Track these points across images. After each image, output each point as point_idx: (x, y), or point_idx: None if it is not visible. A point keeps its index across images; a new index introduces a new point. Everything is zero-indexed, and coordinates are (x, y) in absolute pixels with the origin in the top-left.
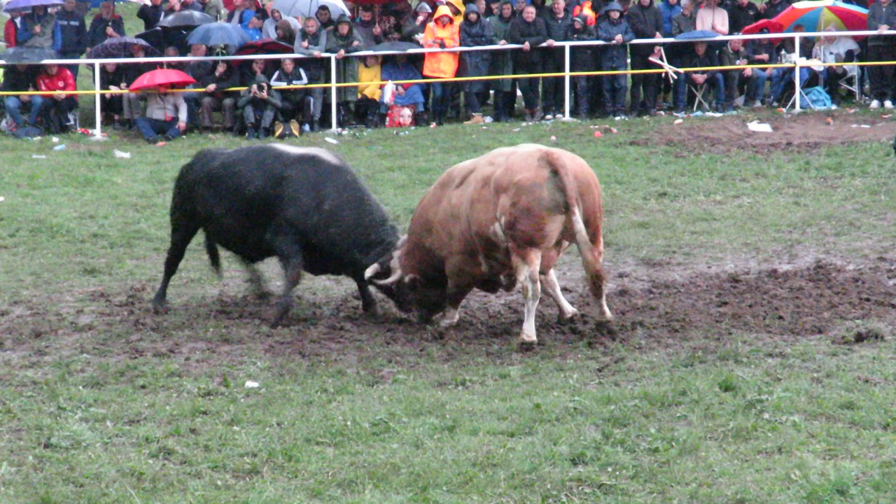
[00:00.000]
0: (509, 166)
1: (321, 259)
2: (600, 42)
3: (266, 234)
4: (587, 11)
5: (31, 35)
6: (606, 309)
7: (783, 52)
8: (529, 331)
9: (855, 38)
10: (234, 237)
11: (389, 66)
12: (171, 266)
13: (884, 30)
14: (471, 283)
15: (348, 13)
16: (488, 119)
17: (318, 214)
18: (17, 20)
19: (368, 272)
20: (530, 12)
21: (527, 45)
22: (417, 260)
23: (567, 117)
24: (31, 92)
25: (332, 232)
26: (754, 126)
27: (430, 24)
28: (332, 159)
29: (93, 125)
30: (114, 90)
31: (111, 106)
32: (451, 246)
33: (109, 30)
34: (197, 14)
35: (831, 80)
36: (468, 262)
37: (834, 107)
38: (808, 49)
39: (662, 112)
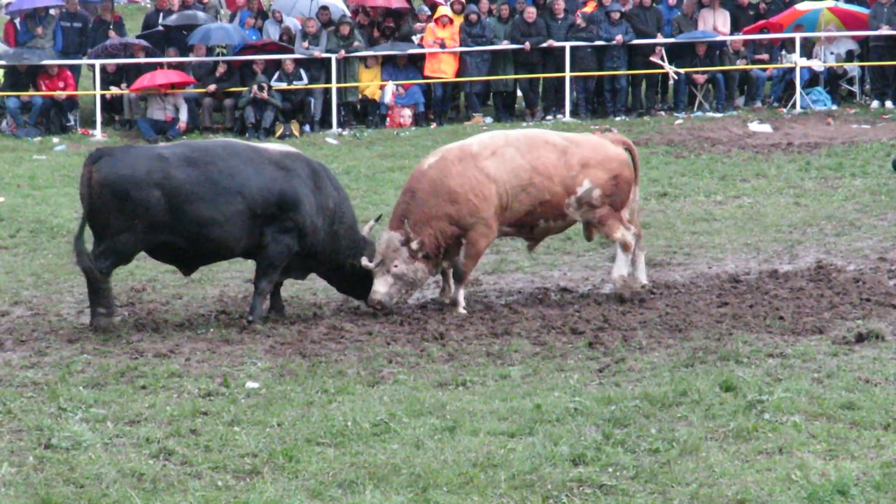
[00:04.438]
0: (595, 147)
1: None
2: (601, 42)
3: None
4: (587, 9)
5: (33, 36)
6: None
7: (784, 52)
8: (624, 275)
9: (855, 38)
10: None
11: (390, 66)
12: None
13: (885, 30)
14: (482, 253)
15: (349, 14)
16: (489, 119)
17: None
18: (17, 21)
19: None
20: (531, 13)
21: (527, 46)
22: (428, 231)
23: (567, 117)
24: (31, 92)
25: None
26: (755, 126)
27: (431, 25)
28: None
29: (93, 126)
30: (114, 91)
31: (112, 106)
32: (482, 210)
33: (111, 32)
34: (200, 14)
35: (832, 81)
36: (493, 225)
37: (834, 107)
38: (808, 49)
39: (663, 112)
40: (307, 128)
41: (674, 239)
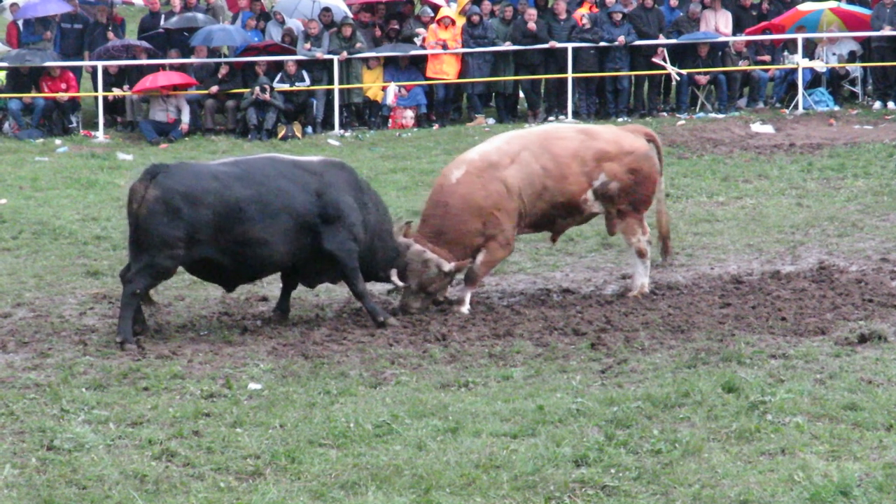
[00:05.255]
0: (612, 140)
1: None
2: (603, 43)
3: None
4: (583, 10)
5: (38, 39)
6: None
7: (786, 53)
8: (644, 284)
9: (857, 38)
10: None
11: (392, 67)
12: None
13: (887, 30)
14: (497, 263)
15: (351, 15)
16: (491, 121)
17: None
18: (20, 22)
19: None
20: (532, 14)
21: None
22: (450, 247)
23: (570, 118)
24: (33, 94)
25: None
26: (757, 127)
27: (433, 26)
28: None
29: (95, 127)
30: (116, 92)
31: (114, 108)
32: (504, 224)
33: (110, 34)
34: (200, 16)
35: (834, 81)
36: (512, 236)
37: (837, 108)
38: (810, 50)
39: (665, 113)
40: (309, 129)
41: (676, 240)
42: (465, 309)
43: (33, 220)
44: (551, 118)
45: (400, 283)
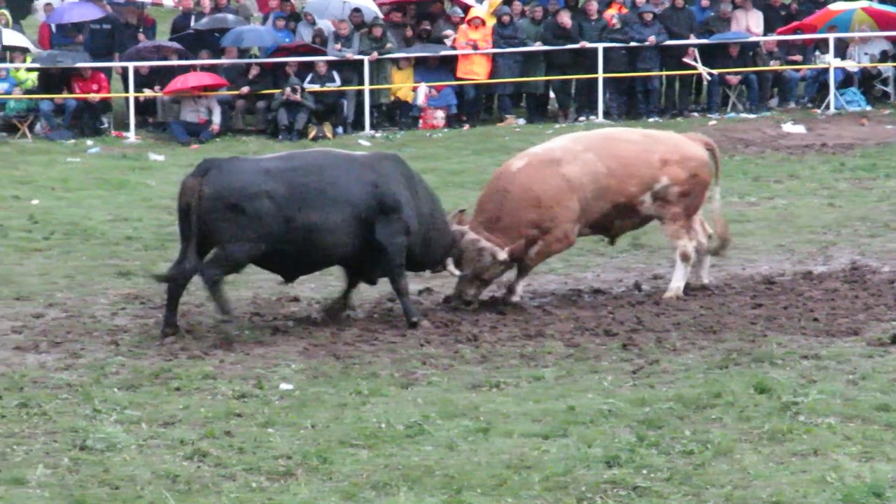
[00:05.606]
0: (675, 144)
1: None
2: (634, 44)
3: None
4: (612, 11)
5: (71, 42)
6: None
7: (817, 52)
8: (679, 288)
9: (889, 38)
10: None
11: (422, 68)
12: None
13: None
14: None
15: (381, 16)
16: (521, 121)
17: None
18: (53, 25)
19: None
20: (565, 16)
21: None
22: (505, 236)
23: (600, 119)
24: (64, 95)
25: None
26: (788, 127)
27: (463, 27)
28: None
29: (126, 128)
30: (147, 93)
31: (144, 109)
32: (562, 218)
33: (140, 35)
34: (231, 17)
35: (865, 81)
36: (571, 231)
37: (868, 108)
38: (842, 50)
39: (696, 113)
40: (340, 130)
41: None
42: (517, 298)
43: (64, 221)
44: (581, 118)
45: (456, 273)
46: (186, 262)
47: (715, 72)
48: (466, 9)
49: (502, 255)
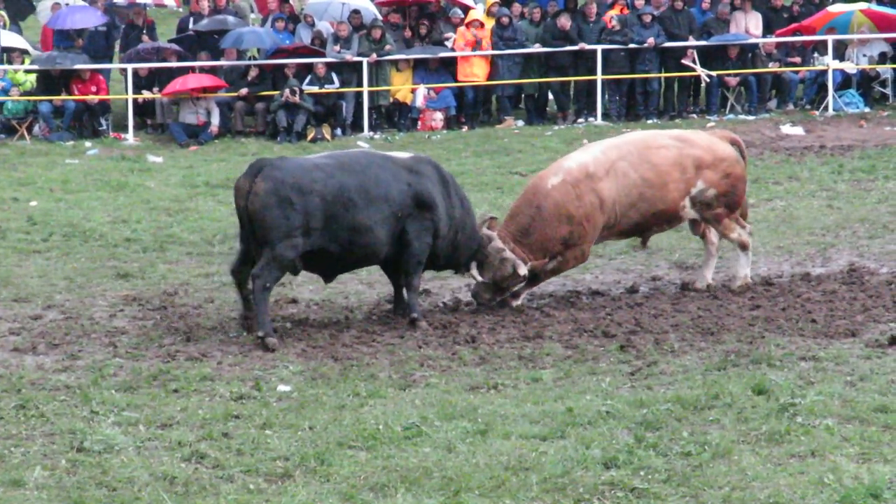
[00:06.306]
0: (707, 147)
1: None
2: (633, 45)
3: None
4: (614, 11)
5: (71, 45)
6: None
7: (816, 54)
8: (747, 275)
9: (888, 40)
10: None
11: (421, 69)
12: None
13: None
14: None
15: (381, 18)
16: (520, 122)
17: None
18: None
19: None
20: (564, 18)
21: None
22: (531, 250)
23: (599, 120)
24: (64, 97)
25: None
26: (787, 129)
27: (462, 28)
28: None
29: (125, 130)
30: (146, 95)
31: (144, 110)
32: (587, 237)
33: (144, 37)
34: (231, 18)
35: (864, 83)
36: (588, 249)
37: (867, 109)
38: (841, 52)
39: (695, 115)
40: (339, 131)
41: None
42: (519, 302)
43: (63, 223)
44: (581, 120)
45: (479, 278)
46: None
47: (714, 73)
48: (466, 10)
49: (523, 269)
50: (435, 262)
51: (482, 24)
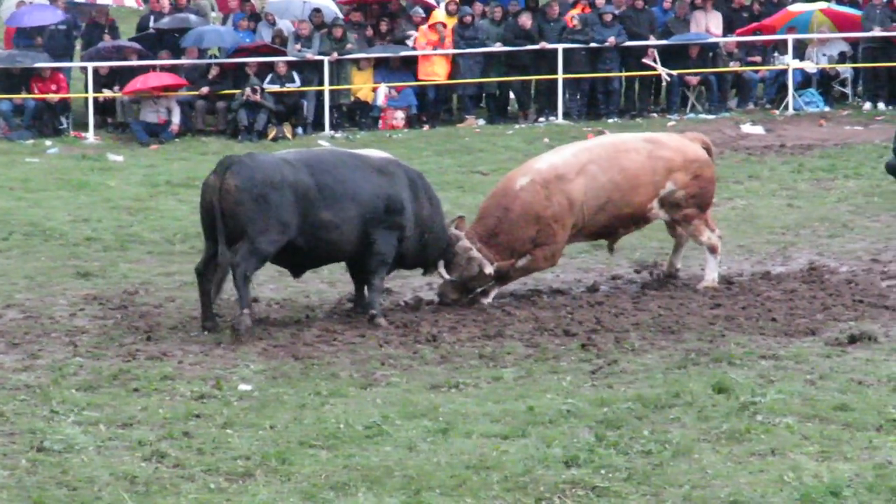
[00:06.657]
0: (678, 148)
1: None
2: (594, 45)
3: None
4: (575, 10)
5: (32, 44)
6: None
7: (776, 54)
8: (714, 279)
9: (847, 39)
10: None
11: (383, 68)
12: None
13: (877, 31)
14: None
15: (342, 16)
16: (481, 121)
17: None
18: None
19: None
20: (525, 17)
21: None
22: (499, 250)
23: (560, 119)
24: (24, 95)
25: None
26: (747, 128)
27: (424, 28)
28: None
29: (86, 128)
30: (107, 93)
31: (104, 109)
32: (558, 238)
33: (106, 35)
34: (193, 17)
35: (824, 82)
36: (559, 252)
37: (827, 109)
38: (801, 51)
39: (656, 114)
40: (300, 130)
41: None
42: (487, 301)
43: (24, 222)
44: (542, 119)
45: (446, 276)
46: (220, 257)
47: (675, 73)
48: (428, 9)
49: (489, 268)
50: (403, 262)
51: (444, 26)
